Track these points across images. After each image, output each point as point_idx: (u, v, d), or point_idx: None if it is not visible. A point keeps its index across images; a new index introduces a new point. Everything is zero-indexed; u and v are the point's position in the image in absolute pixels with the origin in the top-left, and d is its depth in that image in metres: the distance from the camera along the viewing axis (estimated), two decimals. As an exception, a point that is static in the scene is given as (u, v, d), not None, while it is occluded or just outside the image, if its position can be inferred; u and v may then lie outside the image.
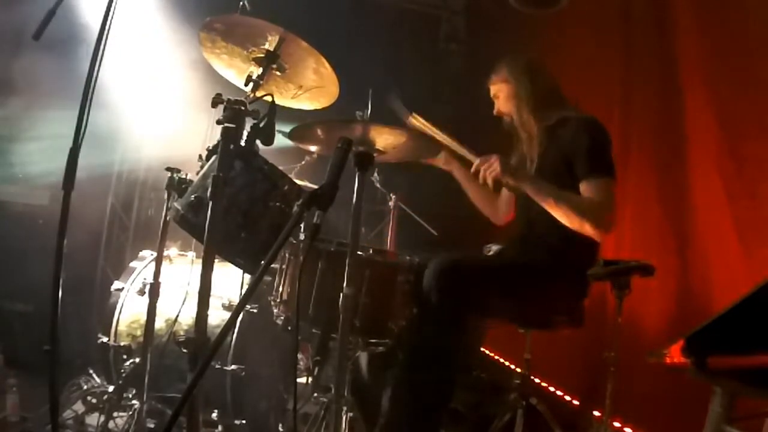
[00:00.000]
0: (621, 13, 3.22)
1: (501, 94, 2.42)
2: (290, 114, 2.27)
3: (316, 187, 1.51)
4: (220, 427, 2.41)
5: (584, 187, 2.13)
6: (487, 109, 2.54)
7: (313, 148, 2.24)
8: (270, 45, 2.09)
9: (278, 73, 2.18)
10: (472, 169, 2.17)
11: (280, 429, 2.43)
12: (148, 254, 2.82)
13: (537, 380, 3.32)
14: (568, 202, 2.11)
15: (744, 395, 1.20)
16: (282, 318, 1.98)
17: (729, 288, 2.28)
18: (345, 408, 1.88)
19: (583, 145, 2.16)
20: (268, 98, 1.84)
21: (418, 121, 2.38)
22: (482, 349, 3.86)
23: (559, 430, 2.29)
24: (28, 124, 3.41)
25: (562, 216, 2.12)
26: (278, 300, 2.00)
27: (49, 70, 3.20)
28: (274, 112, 1.79)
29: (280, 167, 2.04)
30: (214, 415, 2.42)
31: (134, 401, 2.29)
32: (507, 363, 3.85)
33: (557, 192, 2.13)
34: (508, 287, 2.14)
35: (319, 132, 1.97)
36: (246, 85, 2.12)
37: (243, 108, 1.74)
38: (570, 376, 3.23)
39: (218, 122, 1.73)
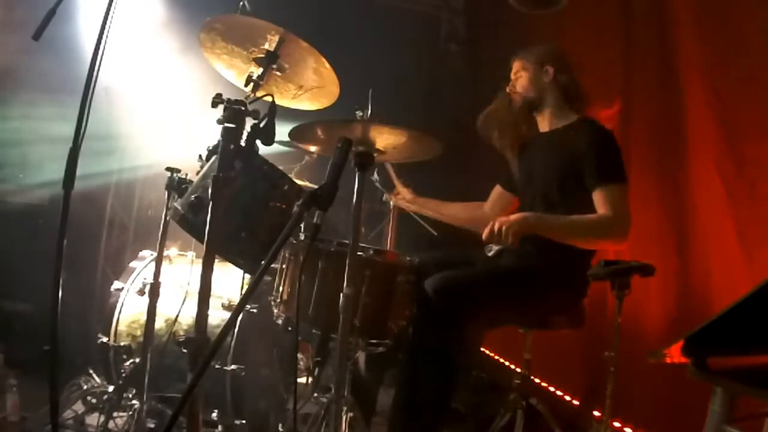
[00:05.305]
0: (621, 13, 3.22)
1: (525, 74, 2.40)
2: (290, 114, 2.27)
3: (316, 187, 1.51)
4: (220, 427, 2.41)
5: (598, 196, 2.12)
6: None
7: (313, 148, 2.25)
8: (270, 45, 2.09)
9: (278, 73, 2.18)
10: (485, 237, 2.04)
11: (280, 429, 2.43)
12: (148, 254, 2.82)
13: (537, 380, 3.31)
14: (586, 228, 2.11)
15: (744, 395, 1.20)
16: (282, 318, 1.98)
17: (729, 288, 2.27)
18: (345, 408, 1.88)
19: (594, 154, 2.15)
20: (268, 98, 1.84)
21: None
22: (482, 349, 3.86)
23: (559, 430, 2.29)
24: (28, 124, 3.40)
25: (581, 243, 2.14)
26: (278, 300, 2.00)
27: (50, 70, 3.20)
28: (275, 112, 1.79)
29: (280, 167, 2.03)
30: (214, 415, 2.42)
31: (134, 401, 2.29)
32: (507, 363, 3.85)
33: (567, 222, 2.12)
34: (508, 295, 2.14)
35: (319, 132, 1.97)
36: (246, 85, 2.12)
37: (243, 108, 1.74)
38: (570, 376, 3.22)
39: (218, 122, 1.73)
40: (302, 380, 2.68)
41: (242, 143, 1.77)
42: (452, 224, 2.71)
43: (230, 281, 2.57)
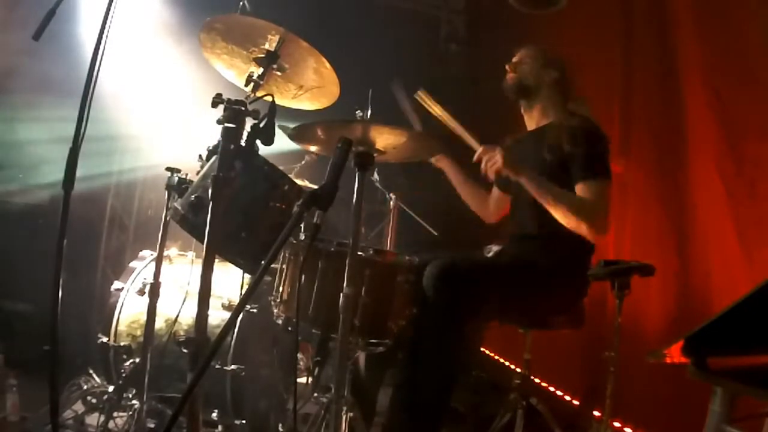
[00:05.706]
0: (621, 13, 3.22)
1: (531, 62, 2.44)
2: (291, 114, 2.28)
3: (316, 187, 1.51)
4: (220, 427, 2.41)
5: (580, 189, 2.15)
6: (486, 109, 2.54)
7: (313, 148, 2.25)
8: (270, 45, 2.09)
9: (278, 73, 2.17)
10: (475, 158, 2.17)
11: (280, 429, 2.43)
12: (148, 254, 2.82)
13: (537, 380, 3.32)
14: (566, 201, 2.13)
15: (744, 395, 1.20)
16: (282, 318, 1.98)
17: (729, 288, 2.28)
18: (345, 408, 1.88)
19: (581, 149, 2.17)
20: (268, 98, 1.84)
21: (424, 99, 2.38)
22: (482, 349, 3.87)
23: (559, 430, 2.29)
24: (28, 125, 3.40)
25: (559, 214, 2.13)
26: (278, 300, 2.00)
27: (50, 70, 3.20)
28: (275, 112, 1.78)
29: (280, 167, 2.03)
30: (214, 415, 2.42)
31: (134, 401, 2.29)
32: (507, 363, 3.85)
33: (556, 189, 2.14)
34: (507, 288, 2.14)
35: (319, 132, 1.96)
36: (246, 85, 2.12)
37: (243, 108, 1.73)
38: (570, 376, 3.23)
39: (218, 122, 1.73)
40: (302, 380, 2.68)
41: (242, 143, 1.77)
42: (462, 198, 2.72)
43: (230, 281, 2.57)
